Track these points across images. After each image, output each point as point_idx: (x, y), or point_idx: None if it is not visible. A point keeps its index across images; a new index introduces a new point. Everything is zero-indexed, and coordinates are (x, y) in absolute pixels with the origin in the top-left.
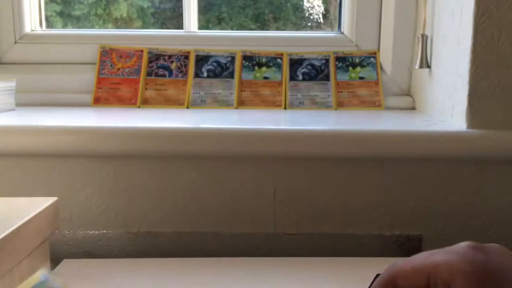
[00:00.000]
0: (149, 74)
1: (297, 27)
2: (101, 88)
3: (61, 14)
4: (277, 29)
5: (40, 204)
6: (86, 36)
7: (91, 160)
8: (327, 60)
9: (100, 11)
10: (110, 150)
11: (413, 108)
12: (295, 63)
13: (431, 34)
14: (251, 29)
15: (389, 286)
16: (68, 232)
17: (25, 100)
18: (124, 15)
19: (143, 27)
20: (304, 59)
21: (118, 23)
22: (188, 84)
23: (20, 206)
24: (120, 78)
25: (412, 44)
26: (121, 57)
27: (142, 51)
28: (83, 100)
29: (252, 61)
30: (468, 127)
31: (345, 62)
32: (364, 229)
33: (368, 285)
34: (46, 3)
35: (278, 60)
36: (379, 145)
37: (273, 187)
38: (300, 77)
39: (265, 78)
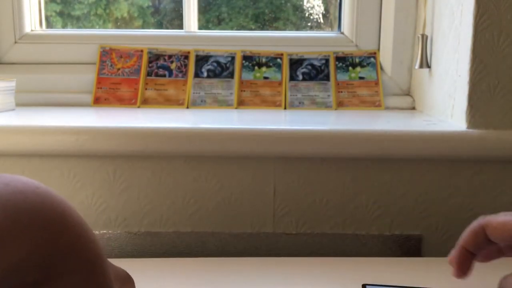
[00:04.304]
0: (149, 74)
1: (297, 27)
2: (101, 88)
3: (61, 14)
4: (277, 29)
5: None
6: (86, 36)
7: (91, 160)
8: (327, 60)
9: (100, 11)
10: (110, 150)
11: (413, 108)
12: (295, 63)
13: (431, 34)
14: (251, 29)
15: (478, 233)
16: None
17: (25, 100)
18: (125, 15)
19: (143, 26)
20: (304, 59)
21: (118, 23)
22: (188, 84)
23: None
24: (120, 78)
25: (412, 44)
26: (121, 57)
27: (142, 51)
28: (83, 100)
29: (252, 61)
30: (468, 127)
31: (345, 62)
32: (364, 229)
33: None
34: (46, 3)
35: (278, 60)
36: (379, 145)
37: (273, 187)
38: (300, 77)
39: (265, 78)
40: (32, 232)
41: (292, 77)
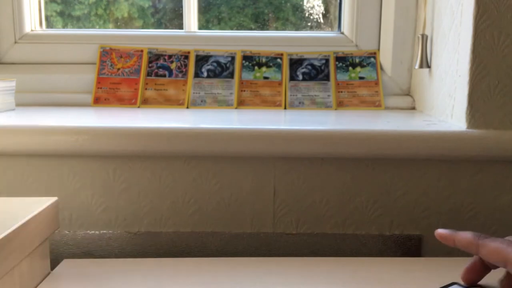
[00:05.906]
0: (149, 74)
1: (297, 27)
2: (101, 88)
3: (61, 14)
4: (277, 29)
5: (40, 204)
6: (86, 36)
7: (91, 160)
8: (327, 60)
9: (100, 11)
10: (110, 150)
11: (413, 108)
12: (295, 63)
13: (431, 34)
14: (251, 29)
15: (471, 248)
16: (68, 232)
17: (25, 100)
18: (125, 15)
19: (143, 27)
20: (304, 59)
21: (118, 23)
22: (188, 84)
23: (20, 206)
24: (120, 78)
25: (412, 44)
26: (121, 57)
27: (142, 51)
28: (83, 100)
29: (252, 61)
30: (468, 127)
31: (345, 62)
32: (364, 229)
33: (369, 286)
34: (46, 3)
35: (278, 60)
36: (379, 145)
37: (272, 187)
38: (300, 77)
39: (265, 78)
40: None
41: (292, 77)
